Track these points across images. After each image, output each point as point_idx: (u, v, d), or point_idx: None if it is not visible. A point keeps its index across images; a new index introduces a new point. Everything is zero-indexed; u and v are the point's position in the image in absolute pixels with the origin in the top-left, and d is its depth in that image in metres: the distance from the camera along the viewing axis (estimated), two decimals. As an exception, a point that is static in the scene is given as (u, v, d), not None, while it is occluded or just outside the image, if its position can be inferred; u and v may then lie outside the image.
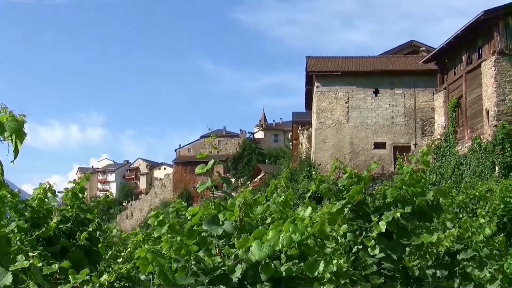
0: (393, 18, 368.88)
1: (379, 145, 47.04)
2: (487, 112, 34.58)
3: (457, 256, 7.70)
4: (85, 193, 6.90)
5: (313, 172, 36.61)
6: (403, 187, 6.49)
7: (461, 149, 37.91)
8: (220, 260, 4.98)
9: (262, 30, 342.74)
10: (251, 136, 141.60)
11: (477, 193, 15.93)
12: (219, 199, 6.25)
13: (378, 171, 42.52)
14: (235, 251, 4.96)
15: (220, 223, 5.33)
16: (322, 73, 49.09)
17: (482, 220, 10.14)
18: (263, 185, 55.96)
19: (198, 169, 5.67)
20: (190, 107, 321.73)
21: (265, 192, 7.30)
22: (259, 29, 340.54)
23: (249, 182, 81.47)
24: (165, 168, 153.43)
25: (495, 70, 33.85)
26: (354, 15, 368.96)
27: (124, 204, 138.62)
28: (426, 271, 6.92)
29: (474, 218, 11.82)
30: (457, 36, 38.26)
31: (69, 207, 6.73)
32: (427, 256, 6.90)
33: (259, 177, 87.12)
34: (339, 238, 6.25)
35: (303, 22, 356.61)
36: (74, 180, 7.09)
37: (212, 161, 5.53)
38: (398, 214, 6.24)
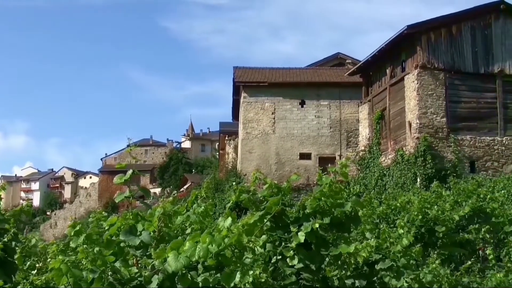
0: (321, 30, 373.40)
1: (305, 156, 47.23)
2: (410, 125, 35.20)
3: (376, 266, 7.80)
4: (1, 203, 6.75)
5: (233, 183, 36.56)
6: (322, 198, 6.56)
7: (384, 160, 38.49)
8: (136, 270, 4.95)
9: (190, 39, 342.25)
10: (178, 146, 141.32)
11: (398, 204, 16.19)
12: (140, 209, 6.21)
13: (303, 181, 42.86)
14: (152, 262, 4.94)
15: (138, 233, 5.30)
16: (249, 83, 49.06)
17: (401, 231, 10.30)
18: (189, 195, 55.73)
19: (116, 179, 5.62)
20: (117, 115, 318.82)
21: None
22: (188, 38, 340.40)
23: (175, 192, 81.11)
24: (90, 177, 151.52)
25: (417, 83, 34.50)
26: (282, 26, 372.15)
27: (48, 213, 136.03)
28: (346, 281, 6.98)
29: (395, 228, 12.00)
30: (381, 50, 38.86)
31: (-16, 217, 6.57)
32: (346, 266, 6.97)
33: (185, 186, 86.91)
34: (257, 248, 6.26)
35: (231, 32, 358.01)
36: (-10, 189, 6.89)
37: (130, 171, 5.50)
38: (317, 225, 6.29)
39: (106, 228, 5.72)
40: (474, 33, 36.21)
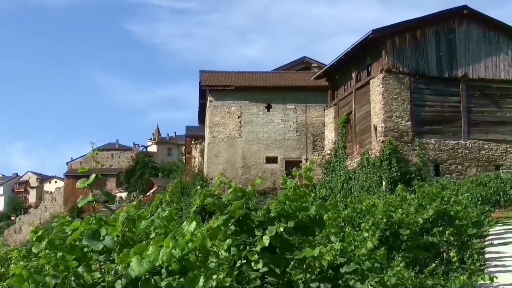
0: (287, 34, 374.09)
1: (271, 160, 47.30)
2: (375, 128, 35.42)
3: (341, 269, 7.82)
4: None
5: (198, 187, 36.38)
6: (287, 202, 6.57)
7: (350, 164, 38.68)
8: (100, 275, 4.92)
9: (156, 43, 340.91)
10: (145, 150, 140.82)
11: (363, 207, 16.26)
12: (107, 214, 6.17)
13: (269, 185, 42.93)
14: (115, 267, 4.90)
15: (101, 238, 5.26)
16: (216, 87, 49.03)
17: (365, 234, 10.37)
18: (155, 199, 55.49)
19: (79, 183, 5.59)
20: (83, 119, 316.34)
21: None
22: (154, 42, 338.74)
23: (141, 196, 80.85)
24: (56, 182, 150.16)
25: (382, 87, 34.75)
26: (248, 30, 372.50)
27: (12, 218, 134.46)
28: (311, 285, 6.99)
29: (360, 232, 12.05)
30: (347, 54, 39.11)
31: None
32: (310, 270, 6.99)
33: (152, 191, 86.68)
34: (222, 253, 6.25)
35: (198, 35, 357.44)
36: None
37: (93, 176, 5.46)
38: (282, 229, 6.30)
39: (69, 233, 5.67)
40: (438, 37, 36.60)
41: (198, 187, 34.38)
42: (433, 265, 12.80)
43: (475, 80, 36.63)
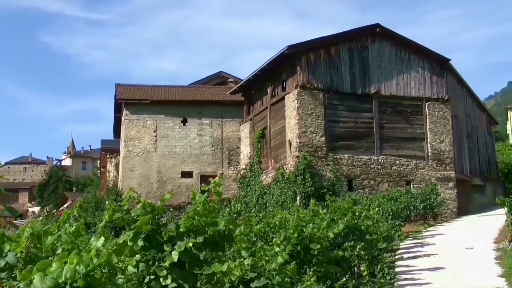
0: (202, 48, 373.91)
1: (187, 174, 47.19)
2: (290, 143, 35.70)
3: (251, 284, 7.85)
4: None
5: (107, 202, 35.92)
6: (196, 217, 6.56)
7: (265, 179, 38.85)
8: (1, 293, 4.81)
9: (70, 54, 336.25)
10: (59, 163, 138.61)
11: (276, 222, 16.35)
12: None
13: (185, 200, 42.77)
14: (18, 284, 4.81)
15: (4, 254, 5.15)
16: (131, 101, 48.64)
17: (277, 249, 10.42)
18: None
19: (-18, 199, 5.48)
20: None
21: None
22: (68, 53, 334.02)
23: (55, 210, 79.36)
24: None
25: (297, 103, 35.07)
26: (163, 44, 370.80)
27: None
28: (221, 300, 6.99)
29: (272, 246, 12.10)
30: (262, 69, 39.32)
31: None
32: (219, 285, 6.99)
33: (65, 205, 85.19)
34: (129, 268, 6.19)
35: (114, 47, 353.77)
36: None
37: (-5, 191, 5.35)
38: (191, 244, 6.29)
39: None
40: (351, 54, 37.24)
41: (107, 202, 33.92)
42: (344, 279, 12.99)
43: (387, 97, 37.44)
